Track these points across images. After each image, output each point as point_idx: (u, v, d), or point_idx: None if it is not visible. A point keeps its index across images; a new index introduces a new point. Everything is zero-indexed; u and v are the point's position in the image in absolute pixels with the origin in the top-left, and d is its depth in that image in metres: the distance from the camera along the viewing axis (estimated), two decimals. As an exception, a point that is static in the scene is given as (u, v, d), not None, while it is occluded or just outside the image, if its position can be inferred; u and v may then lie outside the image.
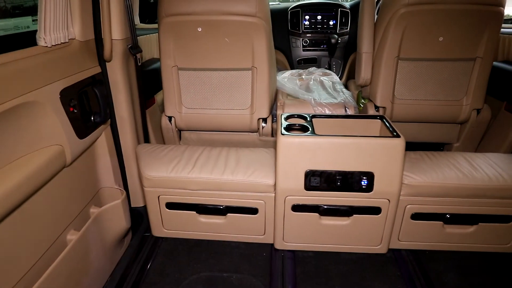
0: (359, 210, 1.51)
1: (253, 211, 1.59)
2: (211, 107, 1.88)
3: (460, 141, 2.07)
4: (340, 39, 2.64)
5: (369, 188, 1.46)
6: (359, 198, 1.48)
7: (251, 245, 1.67)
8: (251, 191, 1.55)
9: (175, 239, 1.72)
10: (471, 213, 1.53)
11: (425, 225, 1.57)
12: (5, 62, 1.07)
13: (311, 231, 1.58)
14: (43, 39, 1.21)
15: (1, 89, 1.02)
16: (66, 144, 1.31)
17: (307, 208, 1.52)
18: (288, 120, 1.60)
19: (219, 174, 1.54)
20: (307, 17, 2.69)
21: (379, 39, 1.87)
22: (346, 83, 2.61)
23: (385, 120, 1.58)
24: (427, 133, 2.10)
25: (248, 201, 1.58)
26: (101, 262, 1.61)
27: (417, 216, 1.55)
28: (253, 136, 2.00)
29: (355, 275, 1.51)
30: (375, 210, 1.51)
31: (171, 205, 1.62)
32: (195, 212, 1.63)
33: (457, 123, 2.01)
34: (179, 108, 1.89)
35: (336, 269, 1.54)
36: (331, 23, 2.68)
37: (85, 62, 1.45)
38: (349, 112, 1.90)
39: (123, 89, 1.66)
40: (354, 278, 1.49)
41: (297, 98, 2.00)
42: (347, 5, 2.74)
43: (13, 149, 1.10)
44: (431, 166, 1.55)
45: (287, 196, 1.51)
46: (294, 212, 1.54)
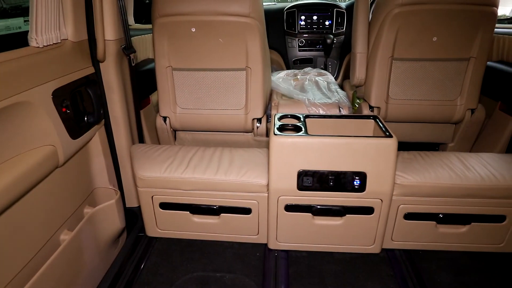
0: (352, 210, 1.51)
1: (246, 211, 1.60)
2: (205, 107, 1.89)
3: (455, 141, 2.08)
4: (336, 39, 2.64)
5: (361, 188, 1.46)
6: (352, 198, 1.49)
7: (245, 245, 1.67)
8: (244, 191, 1.55)
9: (169, 239, 1.72)
10: (463, 213, 1.54)
11: (418, 225, 1.57)
12: (-4, 63, 1.08)
13: (304, 231, 1.59)
14: (34, 39, 1.21)
15: (-8, 89, 1.03)
16: (59, 144, 1.31)
17: (300, 208, 1.53)
18: (282, 120, 1.60)
19: (212, 174, 1.54)
20: (303, 17, 2.69)
21: (373, 39, 1.87)
22: (342, 83, 2.61)
23: (378, 120, 1.59)
24: (422, 133, 2.10)
25: (241, 201, 1.58)
26: (95, 262, 1.61)
27: (410, 216, 1.55)
28: (248, 136, 2.01)
29: (348, 275, 1.51)
30: (367, 210, 1.51)
31: (165, 205, 1.63)
32: (188, 212, 1.63)
33: (452, 123, 2.01)
34: (173, 108, 1.89)
35: (329, 269, 1.54)
36: (327, 23, 2.68)
37: (78, 62, 1.45)
38: (343, 112, 1.90)
39: (117, 90, 1.66)
40: (347, 278, 1.49)
41: (292, 98, 2.00)
42: (343, 5, 2.75)
43: (4, 150, 1.10)
44: (424, 166, 1.56)
45: (280, 196, 1.51)
46: (287, 212, 1.54)
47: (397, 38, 1.80)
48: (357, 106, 2.10)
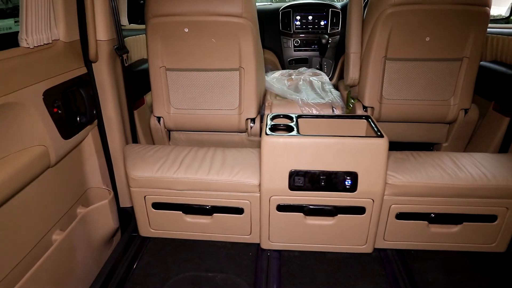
0: (343, 210, 1.52)
1: (239, 211, 1.60)
2: (199, 107, 1.89)
3: (449, 141, 2.08)
4: (331, 39, 2.65)
5: (353, 188, 1.46)
6: (343, 198, 1.49)
7: (238, 245, 1.68)
8: (236, 191, 1.56)
9: (162, 239, 1.73)
10: (455, 212, 1.54)
11: (410, 224, 1.57)
12: (-15, 63, 1.08)
13: (296, 231, 1.59)
14: (24, 40, 1.21)
15: (-20, 90, 1.03)
16: (50, 144, 1.32)
17: (292, 208, 1.53)
18: (274, 120, 1.60)
19: (204, 174, 1.55)
20: (298, 17, 2.69)
21: (366, 39, 1.87)
22: (337, 83, 2.62)
23: (370, 120, 1.59)
24: (416, 133, 2.10)
25: (234, 201, 1.58)
26: (88, 261, 1.62)
27: (401, 216, 1.56)
28: (242, 136, 2.01)
29: (340, 274, 1.52)
30: (359, 210, 1.51)
31: (158, 205, 1.63)
32: (181, 212, 1.63)
33: (445, 123, 2.01)
34: (167, 108, 1.90)
35: (321, 269, 1.54)
36: (322, 23, 2.69)
37: (70, 63, 1.46)
38: (336, 112, 1.90)
39: (110, 90, 1.66)
40: (338, 278, 1.50)
41: (285, 98, 2.00)
42: (338, 5, 2.75)
43: (-7, 150, 1.11)
44: (415, 166, 1.56)
45: (272, 196, 1.51)
46: (279, 212, 1.54)
47: (390, 38, 1.80)
48: (351, 106, 2.11)
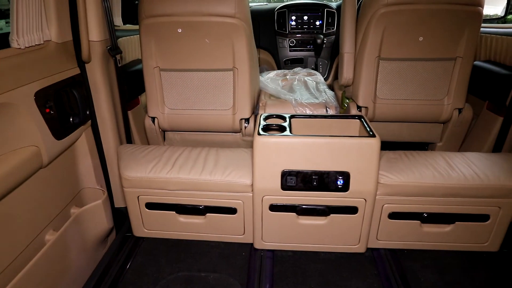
0: (336, 210, 1.52)
1: (232, 211, 1.60)
2: (193, 107, 1.89)
3: (443, 140, 2.08)
4: (326, 39, 2.65)
5: (345, 188, 1.46)
6: (336, 197, 1.49)
7: (231, 245, 1.68)
8: (229, 191, 1.56)
9: (156, 239, 1.73)
10: (448, 212, 1.54)
11: (402, 224, 1.58)
12: (-25, 64, 1.09)
13: (289, 231, 1.59)
14: (15, 41, 1.22)
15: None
16: (42, 145, 1.32)
17: (284, 208, 1.53)
18: (267, 121, 1.61)
19: (197, 174, 1.55)
20: (293, 17, 2.70)
21: (360, 39, 1.88)
22: (332, 83, 2.62)
23: (363, 120, 1.59)
24: (410, 133, 2.10)
25: (227, 201, 1.59)
26: (81, 261, 1.62)
27: (394, 216, 1.56)
28: (236, 136, 2.01)
29: (332, 274, 1.52)
30: (351, 210, 1.51)
31: (151, 205, 1.64)
32: (174, 212, 1.64)
33: (439, 122, 2.02)
34: (161, 108, 1.90)
35: (314, 268, 1.55)
36: (317, 23, 2.69)
37: (62, 63, 1.46)
38: (330, 112, 1.90)
39: (104, 90, 1.67)
40: (330, 277, 1.50)
41: (280, 98, 2.00)
42: (333, 5, 2.75)
43: (-16, 150, 1.11)
44: (408, 165, 1.56)
45: (264, 196, 1.52)
46: (271, 212, 1.55)
47: (383, 38, 1.80)
48: (346, 106, 2.11)
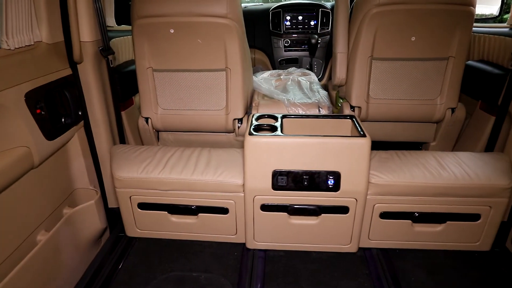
0: (327, 210, 1.52)
1: (224, 211, 1.61)
2: (186, 108, 1.89)
3: (437, 140, 2.08)
4: (321, 39, 2.65)
5: (336, 188, 1.47)
6: (327, 197, 1.50)
7: (224, 245, 1.68)
8: (220, 191, 1.56)
9: (149, 239, 1.73)
10: (439, 211, 1.54)
11: (394, 224, 1.58)
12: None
13: (281, 231, 1.60)
14: (5, 42, 1.22)
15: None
16: (33, 145, 1.32)
17: (276, 208, 1.54)
18: (259, 121, 1.61)
19: (188, 174, 1.56)
20: (288, 17, 2.70)
21: (353, 39, 1.88)
22: (327, 83, 2.62)
23: (354, 120, 1.59)
24: (404, 133, 2.11)
25: (219, 201, 1.59)
26: (74, 262, 1.62)
27: (385, 215, 1.56)
28: (230, 136, 2.02)
29: (324, 274, 1.52)
30: (343, 209, 1.52)
31: (143, 205, 1.64)
32: (166, 212, 1.64)
33: (433, 122, 2.02)
34: (155, 109, 1.90)
35: (305, 268, 1.55)
36: (312, 23, 2.69)
37: (53, 64, 1.46)
38: (322, 112, 1.91)
39: (96, 91, 1.67)
40: (321, 277, 1.50)
41: (273, 98, 2.01)
42: (328, 5, 2.75)
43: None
44: (399, 165, 1.57)
45: (256, 196, 1.52)
46: (263, 212, 1.55)
47: (375, 38, 1.81)
48: (340, 106, 2.11)
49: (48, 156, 1.45)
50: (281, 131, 1.48)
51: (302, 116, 1.68)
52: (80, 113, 1.62)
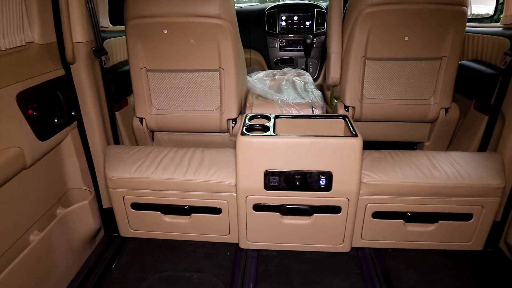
0: (319, 209, 1.53)
1: (216, 211, 1.61)
2: (180, 108, 1.90)
3: (431, 140, 2.08)
4: (316, 39, 2.66)
5: (328, 187, 1.47)
6: (319, 197, 1.50)
7: (217, 245, 1.69)
8: (213, 191, 1.57)
9: (143, 239, 1.74)
10: (431, 211, 1.55)
11: (386, 223, 1.58)
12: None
13: (273, 231, 1.60)
14: (-4, 42, 1.22)
15: None
16: (25, 146, 1.33)
17: (268, 208, 1.54)
18: (252, 121, 1.61)
19: (181, 175, 1.56)
20: (283, 17, 2.70)
21: (346, 39, 1.88)
22: (322, 83, 2.63)
23: (347, 120, 1.60)
24: (398, 132, 2.11)
25: (211, 201, 1.59)
26: (68, 262, 1.63)
27: (378, 215, 1.56)
28: (224, 136, 2.02)
29: (316, 273, 1.52)
30: (335, 209, 1.52)
31: (136, 205, 1.64)
32: (159, 212, 1.65)
33: (426, 122, 2.02)
34: (149, 109, 1.91)
35: (298, 268, 1.55)
36: (307, 23, 2.69)
37: (46, 64, 1.47)
38: (316, 112, 1.91)
39: (89, 91, 1.67)
40: (314, 277, 1.50)
41: (267, 98, 2.01)
42: (323, 5, 2.76)
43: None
44: (392, 165, 1.57)
45: (248, 196, 1.52)
46: (255, 212, 1.55)
47: (369, 38, 1.81)
48: (334, 106, 2.12)
49: (40, 157, 1.46)
50: (274, 131, 1.48)
51: (295, 116, 1.68)
52: (73, 113, 1.62)
